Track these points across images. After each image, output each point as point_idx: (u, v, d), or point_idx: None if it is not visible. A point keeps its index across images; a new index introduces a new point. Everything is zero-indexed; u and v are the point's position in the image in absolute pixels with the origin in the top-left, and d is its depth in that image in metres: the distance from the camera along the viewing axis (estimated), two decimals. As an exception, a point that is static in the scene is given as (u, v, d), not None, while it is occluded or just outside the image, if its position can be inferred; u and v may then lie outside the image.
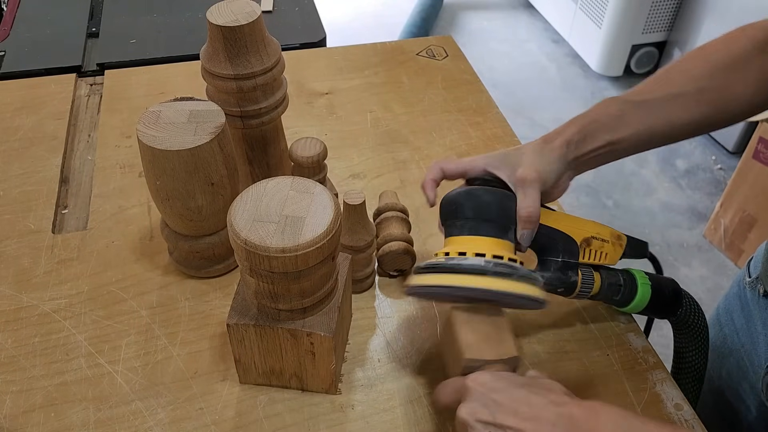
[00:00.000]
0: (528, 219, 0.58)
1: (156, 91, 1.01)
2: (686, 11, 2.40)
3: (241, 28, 0.65)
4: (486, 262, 0.56)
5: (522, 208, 0.58)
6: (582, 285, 0.62)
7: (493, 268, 0.55)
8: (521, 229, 0.59)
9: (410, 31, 2.77)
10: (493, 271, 0.55)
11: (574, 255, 0.62)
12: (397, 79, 1.06)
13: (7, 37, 1.17)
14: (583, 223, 0.63)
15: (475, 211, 0.59)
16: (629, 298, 0.65)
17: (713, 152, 2.33)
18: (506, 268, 0.55)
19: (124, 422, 0.60)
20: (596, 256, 0.63)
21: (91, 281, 0.73)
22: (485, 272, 0.55)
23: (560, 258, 0.62)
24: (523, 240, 0.59)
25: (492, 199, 0.59)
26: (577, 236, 0.62)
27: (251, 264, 0.53)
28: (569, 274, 0.62)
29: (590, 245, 0.63)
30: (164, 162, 0.62)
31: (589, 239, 0.63)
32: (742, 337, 0.75)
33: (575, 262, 0.62)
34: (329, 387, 0.63)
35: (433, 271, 0.57)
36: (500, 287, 0.55)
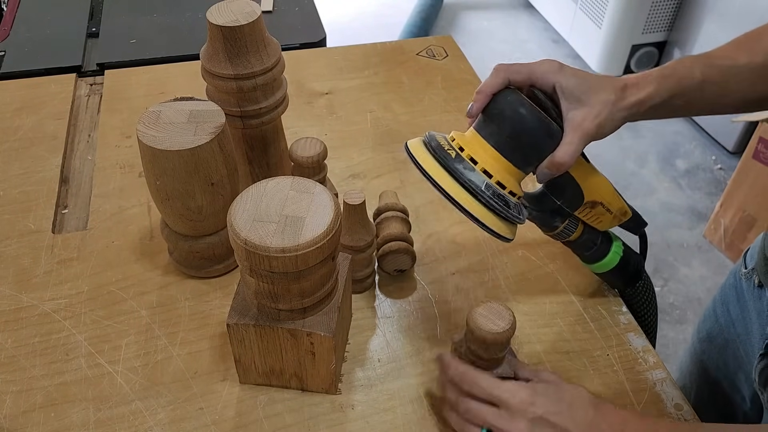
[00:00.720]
0: (558, 165, 0.56)
1: (156, 91, 1.01)
2: (686, 11, 2.40)
3: (241, 28, 0.65)
4: (487, 187, 0.54)
5: (560, 153, 0.56)
6: (562, 231, 0.64)
7: (489, 197, 0.54)
8: (545, 168, 0.57)
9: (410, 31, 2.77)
10: (486, 200, 0.54)
11: (573, 208, 0.62)
12: (397, 79, 1.06)
13: (7, 37, 1.17)
14: (602, 187, 0.62)
15: (513, 131, 0.56)
16: (597, 258, 0.68)
17: (713, 152, 2.33)
18: (499, 203, 0.55)
19: (124, 422, 0.60)
20: (591, 219, 0.64)
21: (91, 281, 0.73)
22: (478, 197, 0.54)
23: (560, 203, 0.61)
24: (540, 177, 0.58)
25: (537, 129, 0.55)
26: (588, 195, 0.61)
27: (251, 264, 0.53)
28: (556, 219, 0.63)
29: (594, 208, 0.63)
30: (164, 162, 0.62)
31: (595, 203, 0.62)
32: (737, 328, 0.75)
33: (569, 212, 0.63)
34: (329, 387, 0.63)
35: (437, 158, 0.55)
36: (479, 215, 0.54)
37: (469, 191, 0.54)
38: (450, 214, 0.82)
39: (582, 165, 0.61)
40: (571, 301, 0.72)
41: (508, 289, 0.74)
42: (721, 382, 0.80)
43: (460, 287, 0.74)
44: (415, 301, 0.72)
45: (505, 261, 0.77)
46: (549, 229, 0.65)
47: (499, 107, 0.56)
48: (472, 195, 0.54)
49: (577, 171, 0.60)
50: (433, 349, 0.67)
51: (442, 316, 0.71)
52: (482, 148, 0.56)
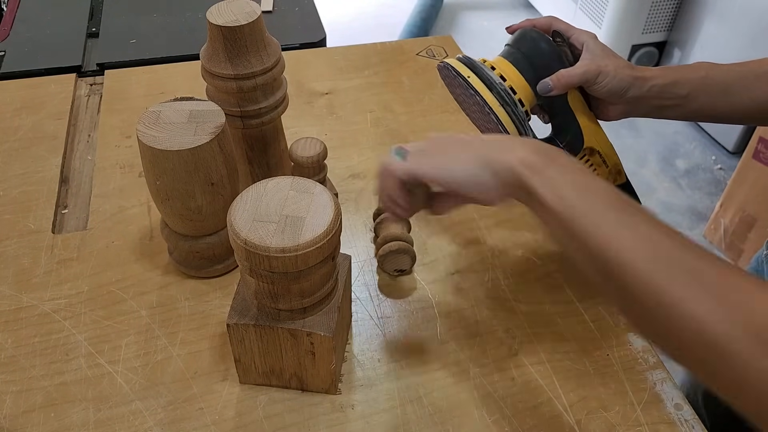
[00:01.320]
0: (561, 77, 0.65)
1: (156, 91, 1.01)
2: (686, 11, 2.40)
3: (241, 28, 0.65)
4: (500, 83, 0.65)
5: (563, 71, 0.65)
6: None
7: (501, 90, 0.65)
8: (548, 79, 0.65)
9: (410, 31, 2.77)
10: (497, 91, 0.65)
11: (573, 151, 0.68)
12: (397, 79, 1.06)
13: (7, 37, 1.17)
14: (600, 136, 0.69)
15: (531, 50, 0.67)
16: None
17: (713, 152, 2.33)
18: (509, 98, 0.65)
19: (124, 422, 0.60)
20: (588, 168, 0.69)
21: (91, 281, 0.73)
22: (492, 87, 0.65)
23: (561, 145, 0.68)
24: (541, 87, 0.66)
25: (550, 52, 0.67)
26: (588, 140, 0.68)
27: (251, 264, 0.53)
28: None
29: (592, 156, 0.68)
30: (164, 162, 0.62)
31: (594, 150, 0.68)
32: None
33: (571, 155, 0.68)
34: (329, 387, 0.63)
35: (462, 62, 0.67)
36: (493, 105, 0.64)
37: (485, 83, 0.65)
38: (450, 214, 0.82)
39: (585, 109, 0.68)
40: (571, 301, 0.72)
41: (508, 289, 0.74)
42: None
43: (460, 287, 0.74)
44: (415, 301, 0.72)
45: (505, 261, 0.77)
46: None
47: (524, 35, 0.69)
48: (488, 87, 0.65)
49: (579, 112, 0.68)
50: (434, 349, 0.68)
51: (442, 316, 0.71)
52: (501, 62, 0.68)
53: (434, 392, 0.64)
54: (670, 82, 0.64)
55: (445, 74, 0.69)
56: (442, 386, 0.64)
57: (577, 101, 0.68)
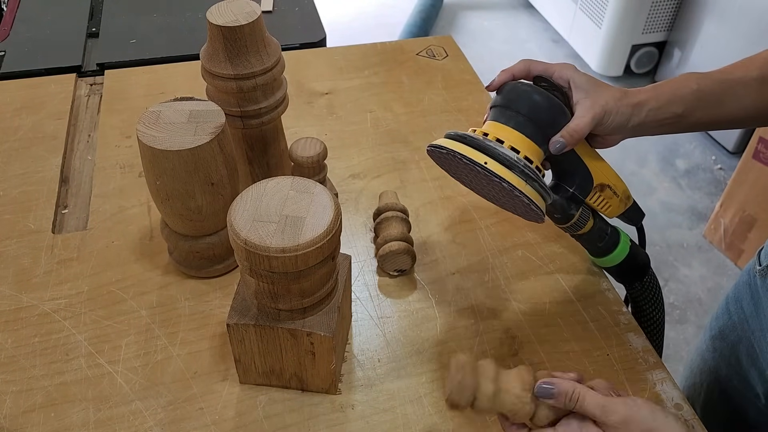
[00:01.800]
0: (573, 132, 0.60)
1: (156, 91, 1.01)
2: (686, 11, 2.40)
3: (241, 28, 0.65)
4: (518, 159, 0.58)
5: (574, 121, 0.60)
6: (577, 221, 0.66)
7: (523, 167, 0.57)
8: (560, 137, 0.60)
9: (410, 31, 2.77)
10: (520, 169, 0.57)
11: (584, 192, 0.65)
12: (397, 79, 1.06)
13: (7, 37, 1.17)
14: (608, 171, 0.66)
15: (531, 109, 0.60)
16: (607, 250, 0.69)
17: (713, 152, 2.33)
18: (532, 173, 0.58)
19: (124, 422, 0.60)
20: (601, 204, 0.67)
21: (91, 281, 0.73)
22: (513, 167, 0.57)
23: (572, 189, 0.65)
24: (555, 148, 0.61)
25: (550, 105, 0.61)
26: (597, 178, 0.65)
27: (251, 264, 0.53)
28: (572, 206, 0.65)
29: (603, 192, 0.66)
30: (164, 162, 0.62)
31: (604, 186, 0.66)
32: (751, 325, 0.76)
33: (581, 199, 0.65)
34: (329, 387, 0.63)
35: (466, 142, 0.59)
36: (520, 186, 0.57)
37: (505, 164, 0.57)
38: (450, 214, 0.82)
39: (587, 148, 0.65)
40: (571, 301, 0.72)
41: (508, 289, 0.74)
42: (732, 379, 0.80)
43: (460, 287, 0.74)
44: (415, 301, 0.72)
45: (505, 261, 0.77)
46: (565, 219, 0.66)
47: (515, 92, 0.62)
48: (508, 167, 0.57)
49: (585, 153, 0.64)
50: (434, 349, 0.68)
51: (442, 316, 0.71)
52: (504, 131, 0.60)
53: (434, 392, 0.64)
54: (664, 103, 0.63)
55: (441, 156, 0.61)
56: (442, 386, 0.64)
57: (582, 146, 0.64)
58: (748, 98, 0.64)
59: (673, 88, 0.64)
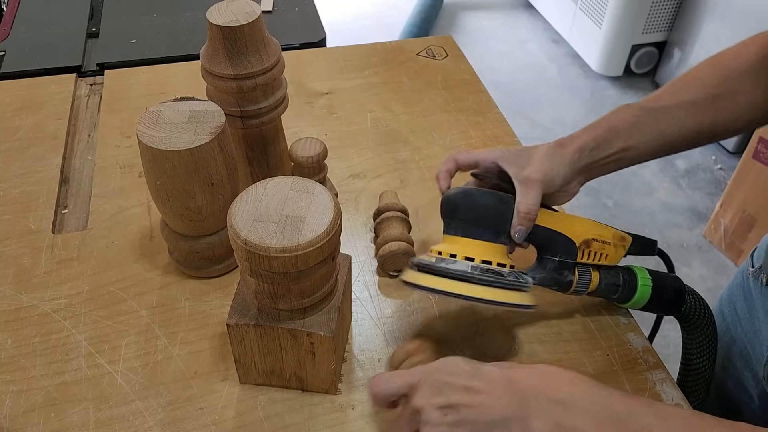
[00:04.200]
0: (525, 216, 0.59)
1: (156, 91, 1.01)
2: (686, 11, 2.40)
3: (241, 28, 0.65)
4: (473, 268, 0.58)
5: (521, 204, 0.59)
6: (578, 283, 0.64)
7: (479, 275, 0.57)
8: (517, 225, 0.60)
9: (410, 31, 2.77)
10: (479, 279, 0.57)
11: (572, 255, 0.63)
12: (397, 79, 1.06)
13: (7, 37, 1.17)
14: (585, 225, 0.64)
15: (471, 213, 0.61)
16: (628, 296, 0.66)
17: (713, 152, 2.33)
18: (492, 276, 0.58)
19: (124, 422, 0.60)
20: (596, 257, 0.64)
21: (91, 281, 0.73)
22: (471, 279, 0.57)
23: (558, 258, 0.63)
24: (518, 237, 0.60)
25: (488, 203, 0.61)
26: (577, 238, 0.63)
27: (251, 264, 0.53)
28: (565, 273, 0.63)
29: (590, 246, 0.63)
30: (164, 162, 0.62)
31: (589, 241, 0.63)
32: (744, 327, 0.76)
33: (573, 262, 0.63)
34: (329, 387, 0.63)
35: (424, 270, 0.60)
36: (483, 295, 0.57)
37: (462, 280, 0.58)
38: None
39: (553, 215, 0.63)
40: (571, 301, 0.72)
41: (508, 289, 0.73)
42: (727, 380, 0.80)
43: (460, 287, 0.74)
44: (415, 301, 0.72)
45: (505, 261, 0.77)
46: (566, 287, 0.64)
47: (450, 203, 0.62)
48: (466, 281, 0.57)
49: (551, 222, 0.62)
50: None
51: (442, 316, 0.71)
52: (455, 243, 0.61)
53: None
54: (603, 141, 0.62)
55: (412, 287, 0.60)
56: (442, 386, 0.64)
57: (544, 216, 0.62)
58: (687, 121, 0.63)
59: (610, 125, 0.63)
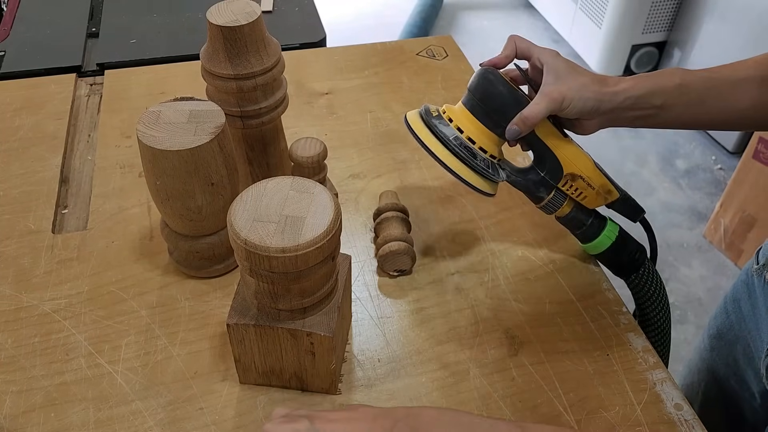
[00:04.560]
0: (523, 120, 0.63)
1: (156, 91, 1.01)
2: (686, 11, 2.40)
3: (241, 28, 0.65)
4: (456, 138, 0.65)
5: (526, 110, 0.63)
6: (548, 203, 0.69)
7: (456, 147, 0.64)
8: (513, 124, 0.63)
9: (410, 31, 2.77)
10: (453, 149, 0.64)
11: (554, 179, 0.68)
12: (397, 79, 1.06)
13: (7, 37, 1.17)
14: (581, 162, 0.67)
15: (483, 95, 0.65)
16: (587, 237, 0.72)
17: (713, 152, 2.33)
18: (466, 152, 0.64)
19: (124, 422, 0.60)
20: (575, 193, 0.69)
21: (91, 281, 0.73)
22: (447, 146, 0.64)
23: (543, 174, 0.68)
24: (509, 134, 0.64)
25: (503, 93, 0.64)
26: (567, 167, 0.67)
27: (251, 264, 0.53)
28: (541, 190, 0.68)
29: (574, 181, 0.68)
30: (164, 162, 0.62)
31: (575, 176, 0.67)
32: (748, 324, 0.76)
33: (553, 185, 0.68)
34: (329, 387, 0.63)
35: (422, 118, 0.67)
36: (451, 164, 0.64)
37: (442, 143, 0.65)
38: (450, 214, 0.82)
39: (558, 138, 0.67)
40: (571, 301, 0.73)
41: (508, 289, 0.74)
42: (729, 378, 0.80)
43: (460, 287, 0.74)
44: (414, 301, 0.72)
45: (505, 261, 0.77)
46: (536, 200, 0.70)
47: (474, 79, 0.67)
48: (443, 144, 0.65)
49: (553, 142, 0.67)
50: (434, 349, 0.68)
51: (442, 316, 0.71)
52: (460, 112, 0.66)
53: (434, 392, 0.64)
54: (644, 92, 0.62)
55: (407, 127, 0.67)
56: (442, 386, 0.64)
57: (546, 131, 0.66)
58: (731, 99, 0.63)
59: (656, 80, 0.63)
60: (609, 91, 0.62)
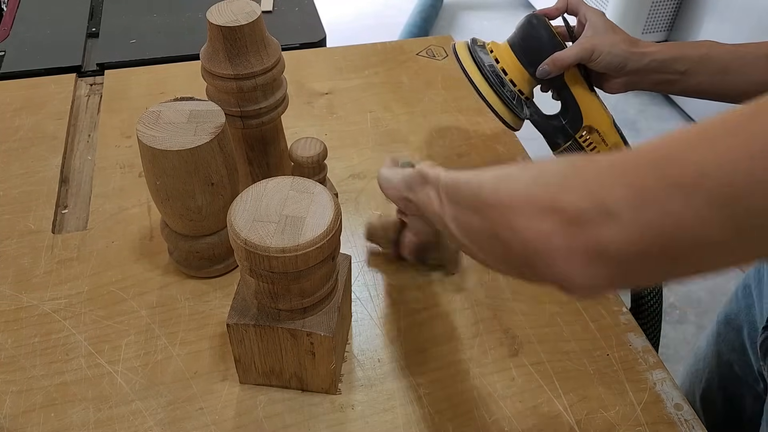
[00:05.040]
0: (554, 60, 0.69)
1: (156, 91, 1.01)
2: (686, 11, 2.40)
3: (241, 28, 0.65)
4: (490, 66, 0.71)
5: (558, 53, 0.69)
6: (563, 152, 0.73)
7: (490, 72, 0.71)
8: (544, 64, 0.70)
9: (410, 31, 2.77)
10: (487, 74, 0.71)
11: (574, 128, 0.73)
12: (397, 79, 1.06)
13: (7, 37, 1.17)
14: (601, 117, 0.72)
15: (525, 35, 0.72)
16: None
17: (713, 152, 2.33)
18: (496, 80, 0.71)
19: (124, 422, 0.60)
20: (589, 146, 0.73)
21: (91, 281, 0.73)
22: (482, 71, 0.71)
23: (564, 122, 0.73)
24: (540, 73, 0.71)
25: (542, 36, 0.71)
26: (587, 119, 0.72)
27: (251, 264, 0.53)
28: (559, 136, 0.74)
29: (591, 134, 0.72)
30: (164, 162, 0.62)
31: (593, 129, 0.72)
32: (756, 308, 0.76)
33: (571, 134, 0.71)
34: (329, 387, 0.63)
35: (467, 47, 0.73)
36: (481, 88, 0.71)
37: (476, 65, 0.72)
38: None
39: (585, 89, 0.72)
40: (571, 301, 0.72)
41: (508, 289, 0.74)
42: (734, 363, 0.81)
43: (461, 287, 0.74)
44: (415, 301, 0.72)
45: (505, 261, 0.77)
46: (553, 147, 0.75)
47: (521, 21, 0.74)
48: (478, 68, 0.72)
49: (579, 92, 0.72)
50: (434, 349, 0.68)
51: (442, 317, 0.71)
52: (503, 47, 0.74)
53: (434, 392, 0.64)
54: (669, 57, 0.66)
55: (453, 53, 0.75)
56: (442, 386, 0.64)
57: (574, 80, 0.71)
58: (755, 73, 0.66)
59: (683, 48, 0.67)
60: (637, 51, 0.67)
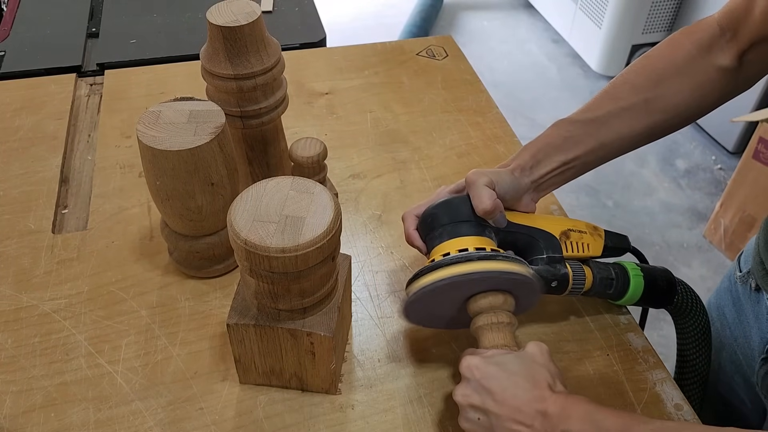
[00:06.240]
0: (485, 212, 0.60)
1: (156, 91, 1.01)
2: (686, 11, 2.40)
3: (241, 28, 0.65)
4: (470, 252, 0.58)
5: (476, 205, 0.61)
6: (574, 279, 0.64)
7: (477, 254, 0.58)
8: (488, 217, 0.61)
9: (410, 31, 2.77)
10: (478, 257, 0.57)
11: (557, 249, 0.64)
12: (397, 79, 1.06)
13: (7, 37, 1.17)
14: (557, 220, 0.66)
15: (450, 215, 0.62)
16: (623, 290, 0.66)
17: (713, 152, 2.33)
18: (490, 254, 0.58)
19: (124, 422, 0.60)
20: (579, 248, 0.65)
21: (91, 281, 0.73)
22: (470, 259, 0.57)
23: (545, 254, 0.64)
24: (498, 221, 0.62)
25: (463, 201, 0.62)
26: (554, 230, 0.64)
27: (251, 264, 0.53)
28: (557, 267, 0.63)
29: (569, 237, 0.65)
30: (164, 162, 0.62)
31: (566, 231, 0.65)
32: (734, 331, 0.75)
33: (560, 256, 0.64)
34: (329, 387, 0.63)
35: (420, 275, 0.58)
36: (487, 267, 0.56)
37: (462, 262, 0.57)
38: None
39: (527, 215, 0.65)
40: (571, 301, 0.72)
41: (508, 289, 0.73)
42: (717, 384, 0.80)
43: (460, 287, 0.74)
44: (415, 301, 0.72)
45: (505, 261, 0.77)
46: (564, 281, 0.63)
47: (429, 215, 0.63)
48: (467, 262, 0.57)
49: (525, 220, 0.65)
50: (434, 349, 0.68)
51: (442, 316, 0.71)
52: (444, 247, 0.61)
53: (434, 392, 0.64)
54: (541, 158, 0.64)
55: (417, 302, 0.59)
56: (442, 386, 0.64)
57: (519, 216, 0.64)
58: (623, 128, 0.65)
59: (546, 141, 0.65)
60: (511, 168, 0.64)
